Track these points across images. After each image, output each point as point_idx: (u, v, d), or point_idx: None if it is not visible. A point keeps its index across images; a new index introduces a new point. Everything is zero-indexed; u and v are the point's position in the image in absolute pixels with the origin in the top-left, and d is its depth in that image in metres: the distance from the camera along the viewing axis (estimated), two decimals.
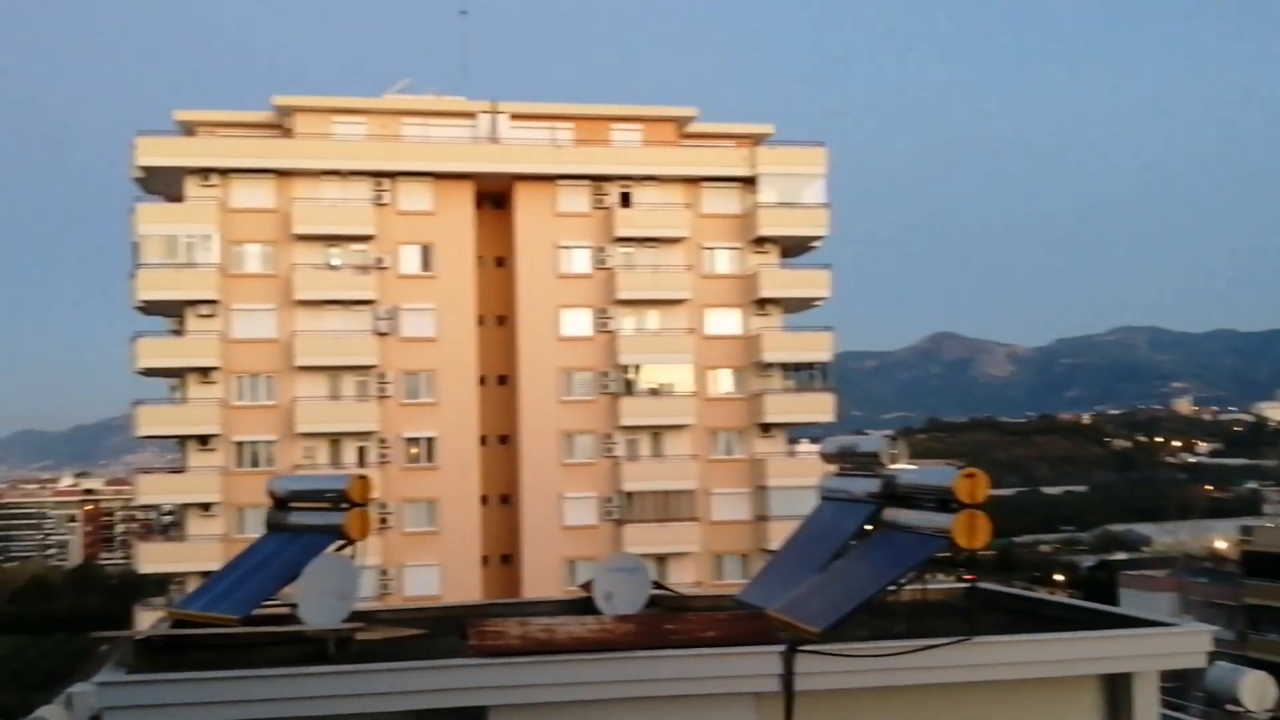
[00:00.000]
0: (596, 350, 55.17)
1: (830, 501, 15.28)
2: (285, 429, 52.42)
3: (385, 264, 53.53)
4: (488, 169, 54.75)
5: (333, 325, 53.04)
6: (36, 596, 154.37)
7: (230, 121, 55.56)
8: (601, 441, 54.91)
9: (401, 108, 56.03)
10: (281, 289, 52.85)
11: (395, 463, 53.15)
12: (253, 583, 13.98)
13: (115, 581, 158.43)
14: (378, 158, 54.09)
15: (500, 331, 55.91)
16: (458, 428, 53.96)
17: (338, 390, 53.22)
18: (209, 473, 51.87)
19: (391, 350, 53.39)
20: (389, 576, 51.60)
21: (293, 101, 54.76)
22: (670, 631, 11.90)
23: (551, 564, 53.01)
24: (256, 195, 53.10)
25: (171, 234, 51.67)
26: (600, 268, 55.50)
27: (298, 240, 53.00)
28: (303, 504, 15.41)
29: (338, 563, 13.56)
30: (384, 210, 53.75)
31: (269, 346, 52.71)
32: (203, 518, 51.92)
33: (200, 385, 52.18)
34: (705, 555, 54.86)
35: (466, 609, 15.98)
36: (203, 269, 51.70)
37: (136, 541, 71.63)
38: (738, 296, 56.75)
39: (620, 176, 55.90)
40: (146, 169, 52.69)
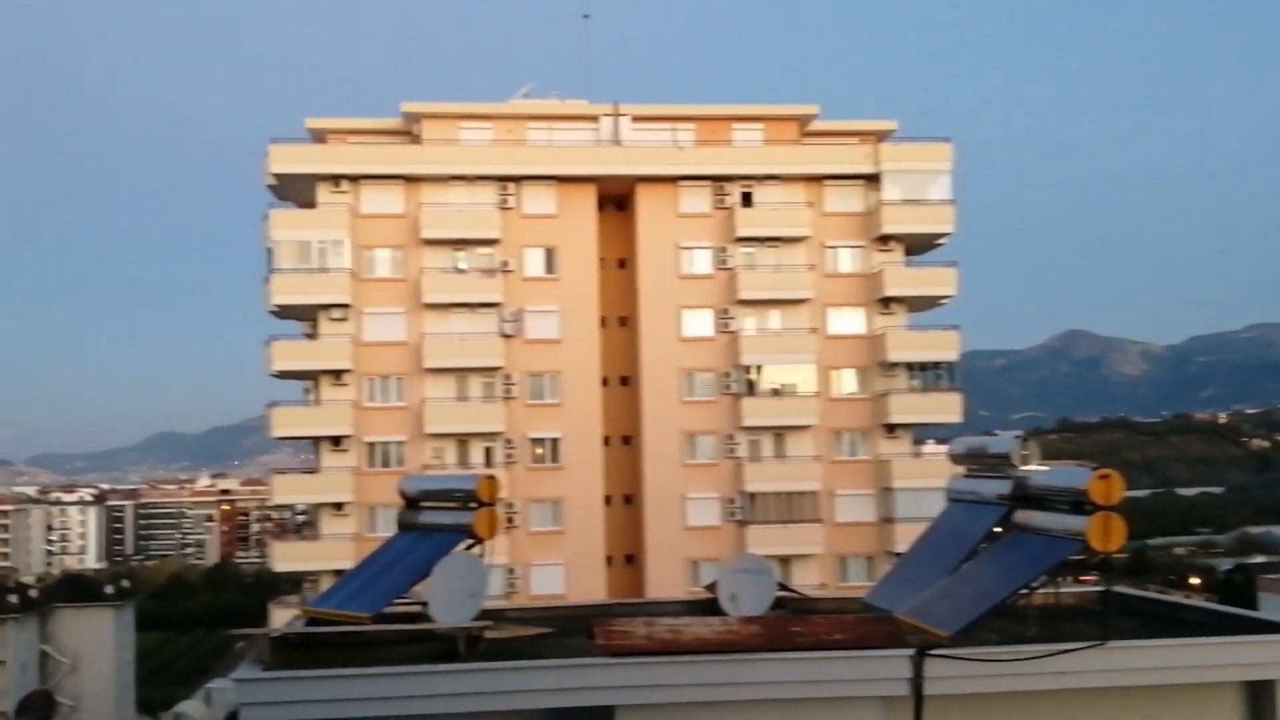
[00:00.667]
0: (718, 351, 55.09)
1: (959, 503, 15.05)
2: (414, 430, 53.32)
3: (510, 267, 54.12)
4: (610, 171, 55.03)
5: (460, 328, 53.79)
6: (176, 594, 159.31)
7: (360, 129, 56.71)
8: (724, 442, 54.80)
9: (526, 112, 56.61)
10: (410, 292, 53.76)
11: (521, 463, 53.72)
12: (384, 581, 14.25)
13: (250, 579, 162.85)
14: (503, 162, 54.73)
15: (622, 333, 56.17)
16: (581, 428, 54.33)
17: (465, 392, 53.96)
18: (341, 473, 52.98)
19: (516, 352, 53.97)
20: (515, 575, 52.16)
21: (421, 108, 55.68)
22: (797, 634, 11.84)
23: (675, 565, 53.07)
24: (386, 201, 54.12)
25: (304, 240, 52.90)
26: (722, 268, 55.40)
27: (426, 244, 53.86)
28: (433, 504, 15.68)
29: (467, 562, 13.75)
30: (509, 214, 54.35)
31: (398, 349, 53.66)
32: (335, 517, 53.05)
33: (332, 387, 53.32)
34: (829, 557, 54.42)
35: (592, 609, 16.07)
36: (334, 274, 52.83)
37: (271, 540, 73.51)
38: (861, 295, 56.19)
39: (742, 176, 55.75)
40: (279, 176, 54.02)
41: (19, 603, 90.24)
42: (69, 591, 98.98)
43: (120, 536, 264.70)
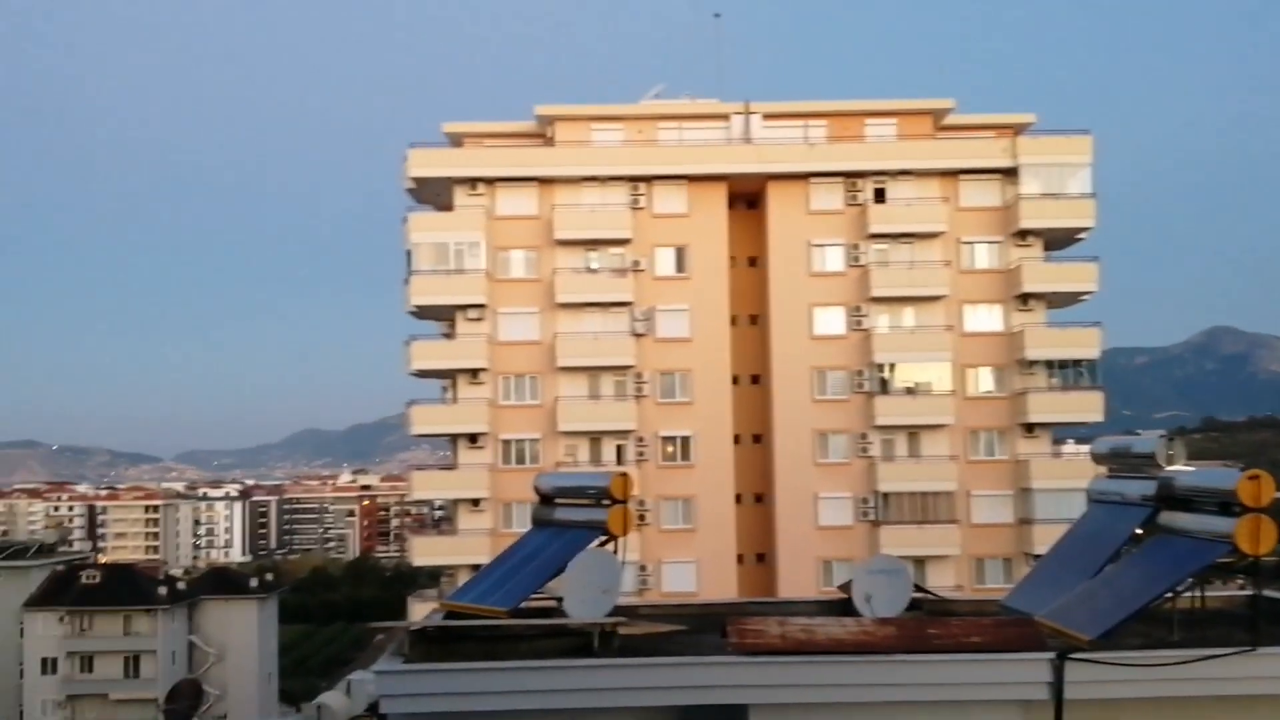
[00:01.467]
0: (850, 349, 54.63)
1: (1100, 504, 14.72)
2: (548, 427, 53.94)
3: (641, 266, 54.41)
4: (741, 169, 54.97)
5: (592, 327, 54.26)
6: (318, 587, 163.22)
7: (495, 132, 57.56)
8: (856, 441, 54.34)
9: (657, 113, 56.85)
10: (544, 292, 54.40)
11: (652, 461, 53.97)
12: (520, 576, 14.45)
13: (390, 573, 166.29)
14: (634, 163, 55.05)
15: (753, 331, 56.05)
16: (712, 427, 54.36)
17: (597, 390, 54.41)
18: (478, 469, 53.85)
19: (648, 351, 54.23)
20: (647, 572, 52.44)
21: (554, 111, 56.31)
22: (933, 636, 11.71)
23: (806, 564, 52.80)
24: (520, 202, 54.86)
25: (442, 241, 53.91)
26: (854, 265, 54.93)
27: (559, 245, 54.45)
28: (567, 500, 15.85)
29: (601, 558, 13.87)
30: (640, 214, 54.64)
31: (533, 348, 54.34)
32: (472, 512, 53.95)
33: (469, 386, 54.23)
34: (965, 559, 53.59)
35: (725, 607, 16.09)
36: (471, 274, 53.71)
37: (410, 535, 75.05)
38: (999, 292, 55.19)
39: (875, 172, 55.19)
40: (418, 180, 55.12)
41: (168, 595, 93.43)
42: (215, 584, 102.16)
43: (264, 531, 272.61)
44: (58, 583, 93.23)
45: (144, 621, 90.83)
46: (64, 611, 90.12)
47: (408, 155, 55.02)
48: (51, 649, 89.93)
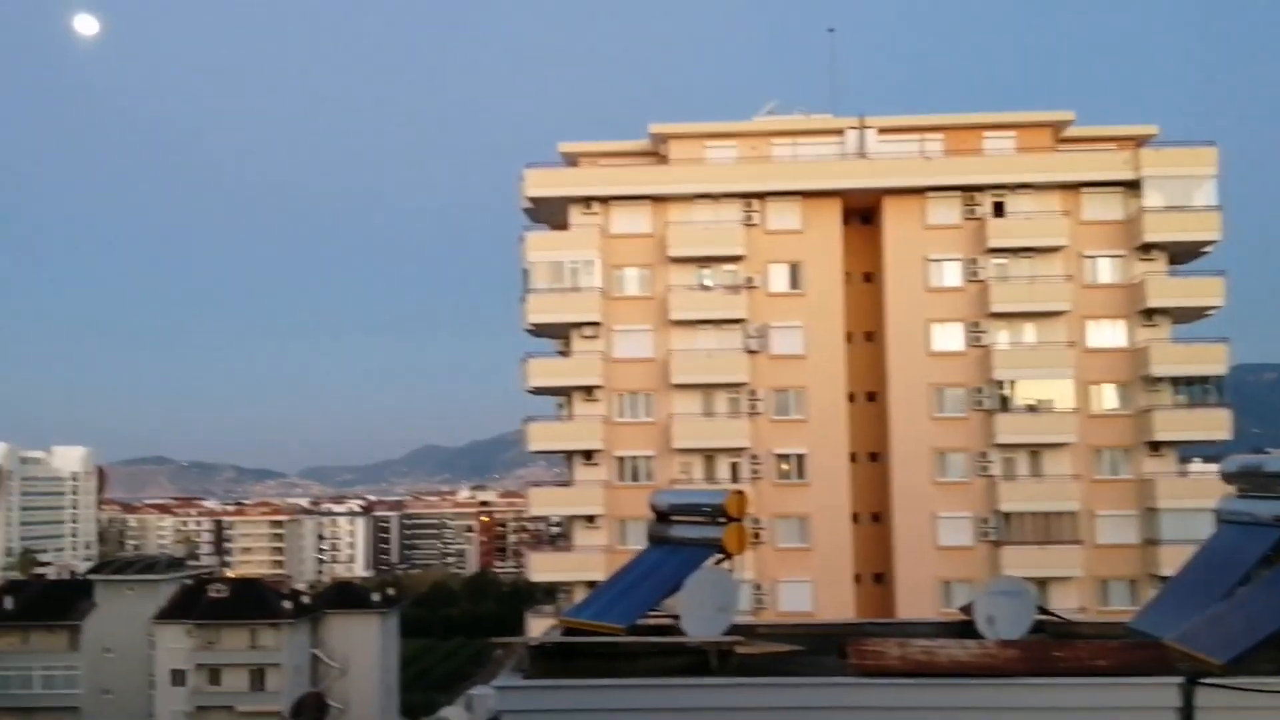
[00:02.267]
0: (969, 365, 53.85)
1: (1230, 525, 14.34)
2: (663, 444, 54.06)
3: (755, 283, 54.31)
4: (855, 185, 54.62)
5: (706, 344, 54.29)
6: (437, 601, 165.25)
7: (609, 151, 58.00)
8: (976, 460, 53.50)
9: (770, 129, 56.79)
10: (658, 310, 54.60)
11: (767, 479, 53.75)
12: (637, 594, 14.53)
13: (508, 589, 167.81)
14: (747, 179, 55.04)
15: (869, 347, 55.56)
16: (828, 444, 53.97)
17: (711, 407, 54.39)
18: (593, 486, 54.16)
19: (762, 367, 54.08)
20: (763, 591, 52.19)
21: (667, 129, 56.59)
22: (1058, 659, 11.51)
23: (925, 584, 52.08)
24: (634, 220, 55.16)
25: (557, 260, 54.45)
26: (972, 280, 54.18)
27: (673, 262, 54.61)
28: (682, 518, 15.91)
29: (717, 576, 13.90)
30: (753, 230, 54.58)
31: (647, 365, 54.54)
32: (588, 529, 54.27)
33: (585, 403, 54.61)
34: (1089, 580, 52.37)
35: (843, 627, 15.99)
36: (586, 293, 54.15)
37: (527, 551, 75.68)
38: (1122, 307, 53.98)
39: (993, 186, 54.40)
40: (534, 199, 55.77)
41: (293, 609, 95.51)
42: (338, 598, 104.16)
43: (386, 546, 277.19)
44: (186, 596, 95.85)
45: (269, 635, 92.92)
46: (192, 625, 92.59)
47: (524, 176, 55.69)
48: (180, 661, 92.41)
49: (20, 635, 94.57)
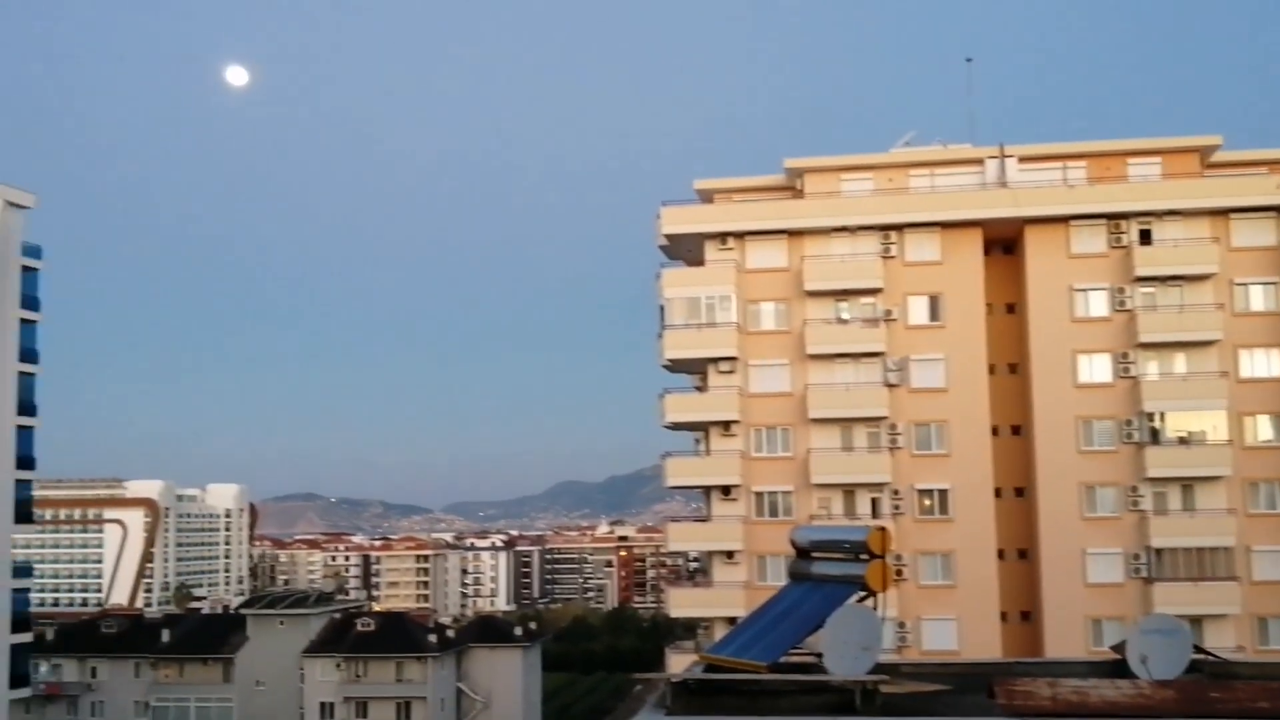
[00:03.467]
0: (1117, 397, 52.45)
1: None
2: (801, 479, 53.69)
3: (894, 316, 53.78)
4: (996, 214, 53.80)
5: (844, 378, 53.87)
6: (578, 636, 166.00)
7: (744, 187, 58.15)
8: (1126, 494, 52.00)
9: (908, 160, 56.34)
10: (795, 344, 54.39)
11: (908, 514, 52.97)
12: (779, 631, 14.49)
13: (647, 624, 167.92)
14: (885, 211, 54.63)
15: (1012, 380, 54.52)
16: (971, 479, 53.01)
17: (850, 442, 53.87)
18: (731, 522, 54.01)
19: (902, 401, 53.44)
20: (906, 629, 51.37)
21: (803, 163, 56.54)
22: (1216, 700, 11.17)
23: (1074, 622, 50.70)
24: (770, 255, 55.10)
25: (693, 296, 54.64)
26: (1119, 310, 52.84)
27: (809, 296, 54.38)
28: (824, 554, 15.81)
29: (861, 614, 13.80)
30: (891, 262, 54.10)
31: (784, 400, 54.32)
32: (726, 565, 54.11)
33: (722, 438, 54.56)
34: (1247, 618, 50.41)
35: (990, 666, 15.72)
36: (722, 328, 54.22)
37: (666, 586, 75.78)
38: (1276, 335, 52.08)
39: (1139, 213, 53.07)
40: (670, 236, 56.14)
41: (438, 642, 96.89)
42: (482, 632, 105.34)
43: (528, 580, 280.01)
44: (335, 630, 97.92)
45: (415, 668, 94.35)
46: (341, 658, 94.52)
47: (661, 213, 56.10)
48: (329, 694, 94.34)
49: (177, 667, 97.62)
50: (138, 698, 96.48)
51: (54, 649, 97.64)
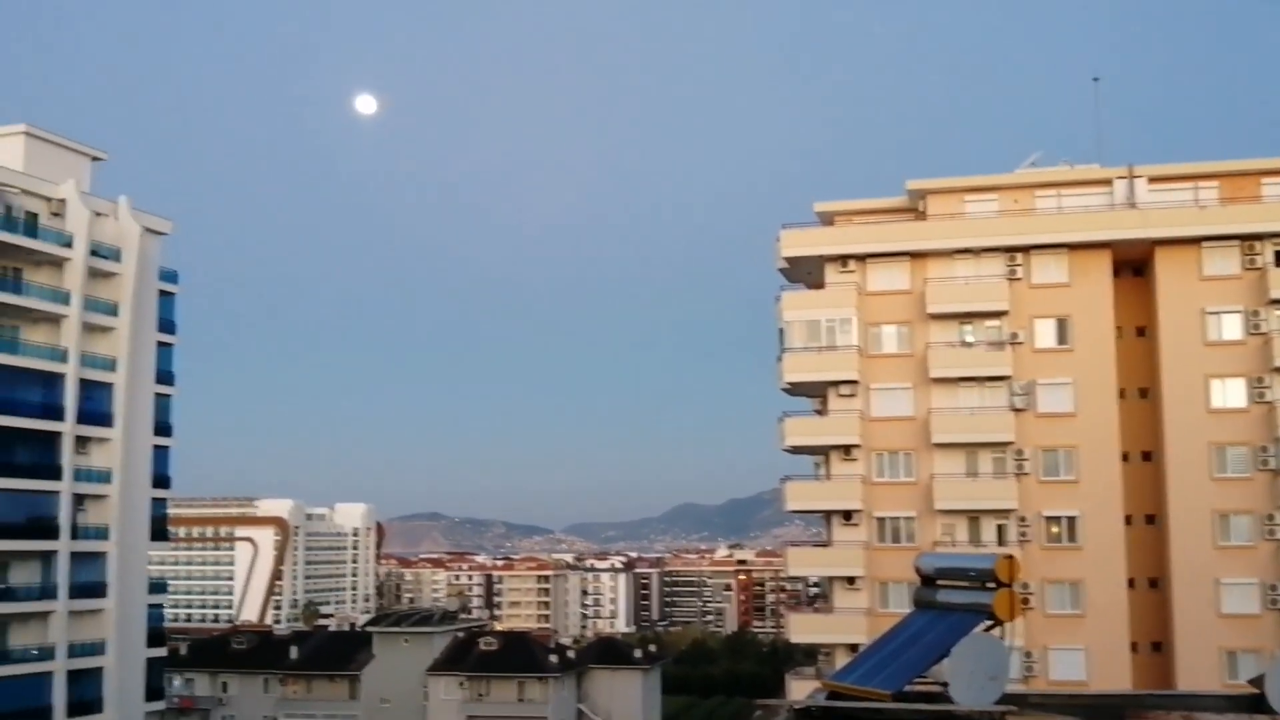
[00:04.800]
0: (1253, 423, 50.90)
1: None
2: (924, 505, 53.06)
3: (1019, 339, 52.96)
4: (1125, 236, 52.72)
5: (968, 402, 53.16)
6: (697, 659, 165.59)
7: (865, 209, 57.87)
8: (1262, 523, 50.36)
9: (1034, 181, 55.49)
10: (917, 367, 53.84)
11: (1035, 542, 51.98)
12: (904, 659, 14.41)
13: (767, 648, 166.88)
14: (1010, 233, 53.86)
15: (1143, 405, 53.26)
16: (1100, 506, 51.85)
17: (975, 467, 53.11)
18: (852, 547, 53.57)
19: (1028, 426, 52.53)
20: (1033, 659, 50.37)
21: (925, 184, 56.04)
22: None
23: (1207, 654, 49.23)
24: (892, 278, 54.70)
25: (814, 319, 54.44)
26: (1254, 333, 51.32)
27: (932, 319, 53.84)
28: (949, 582, 15.68)
29: (987, 643, 13.67)
30: (1017, 285, 53.30)
31: (906, 424, 53.76)
32: (847, 591, 53.64)
33: (842, 462, 54.20)
34: None
35: (1121, 698, 15.46)
36: (843, 351, 53.91)
37: (786, 611, 75.32)
38: None
39: (1274, 234, 51.57)
40: (790, 259, 56.04)
41: (559, 663, 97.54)
42: (602, 654, 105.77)
43: (647, 602, 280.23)
44: (458, 649, 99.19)
45: (536, 688, 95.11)
46: (464, 676, 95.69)
47: (781, 236, 56.06)
48: (452, 713, 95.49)
49: (304, 684, 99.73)
50: (267, 712, 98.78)
51: (187, 664, 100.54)
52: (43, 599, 63.79)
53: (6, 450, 62.99)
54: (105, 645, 66.49)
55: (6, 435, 62.69)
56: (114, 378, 67.98)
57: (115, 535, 67.42)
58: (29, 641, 63.46)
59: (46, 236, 65.13)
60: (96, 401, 67.11)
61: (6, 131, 67.43)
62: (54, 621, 64.00)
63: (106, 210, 68.88)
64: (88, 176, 69.80)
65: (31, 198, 65.10)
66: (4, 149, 66.21)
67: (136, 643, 69.03)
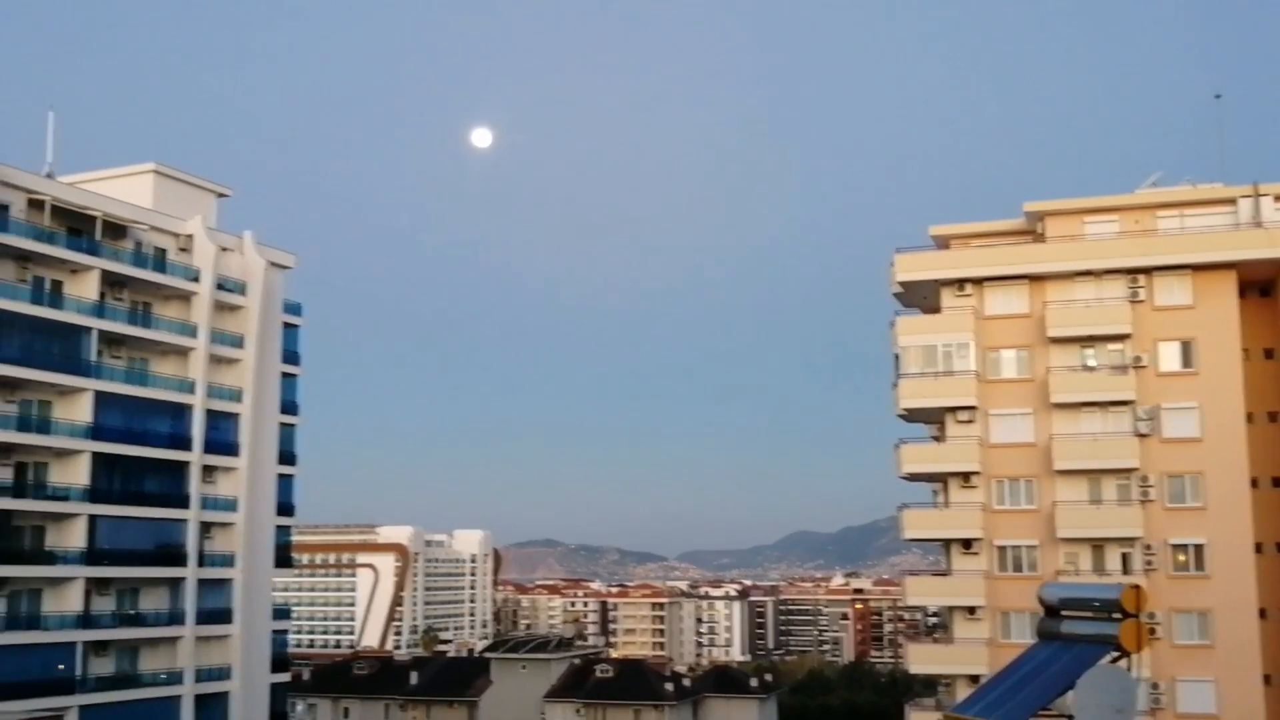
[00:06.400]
0: None
1: None
2: (1046, 533, 51.98)
3: (1143, 362, 51.75)
4: (1252, 256, 51.24)
5: (1091, 427, 52.05)
6: (814, 689, 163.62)
7: (982, 232, 57.11)
8: None
9: (1155, 201, 54.24)
10: (1038, 392, 52.88)
11: (1161, 570, 50.58)
12: (1027, 691, 14.18)
13: (885, 679, 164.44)
14: (1132, 254, 52.70)
15: (1273, 429, 51.65)
16: (1229, 533, 50.28)
17: (1098, 494, 51.92)
18: (973, 576, 52.64)
19: (1153, 451, 51.23)
20: (1160, 691, 48.98)
21: (1043, 206, 55.15)
22: None
23: None
24: (1010, 301, 53.88)
25: (930, 344, 53.81)
26: None
27: (1052, 343, 52.88)
28: (1074, 613, 15.39)
29: (1114, 675, 13.40)
30: (1140, 307, 52.13)
31: (1027, 450, 52.78)
32: (968, 621, 52.71)
33: (961, 489, 53.37)
34: None
35: None
36: (960, 376, 53.18)
37: (905, 641, 74.28)
38: None
39: None
40: (905, 284, 55.51)
41: (674, 691, 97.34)
42: (718, 682, 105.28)
43: (762, 631, 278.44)
44: (575, 675, 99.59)
45: (652, 716, 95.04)
46: (580, 703, 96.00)
47: (895, 260, 55.58)
48: None
49: (424, 709, 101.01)
50: None
51: (310, 689, 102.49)
52: (171, 624, 65.58)
53: (137, 480, 65.00)
54: (231, 670, 68.05)
55: (137, 465, 64.70)
56: (240, 408, 69.82)
57: (241, 562, 69.09)
58: (158, 666, 65.24)
59: (175, 271, 67.27)
60: (223, 432, 68.97)
61: (136, 170, 69.90)
62: (182, 647, 65.73)
63: (232, 245, 70.91)
64: (214, 212, 71.96)
65: (160, 234, 67.35)
66: (134, 187, 68.60)
67: (261, 668, 70.53)
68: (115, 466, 63.70)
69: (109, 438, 62.85)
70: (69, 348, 61.58)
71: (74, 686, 60.32)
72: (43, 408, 61.06)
